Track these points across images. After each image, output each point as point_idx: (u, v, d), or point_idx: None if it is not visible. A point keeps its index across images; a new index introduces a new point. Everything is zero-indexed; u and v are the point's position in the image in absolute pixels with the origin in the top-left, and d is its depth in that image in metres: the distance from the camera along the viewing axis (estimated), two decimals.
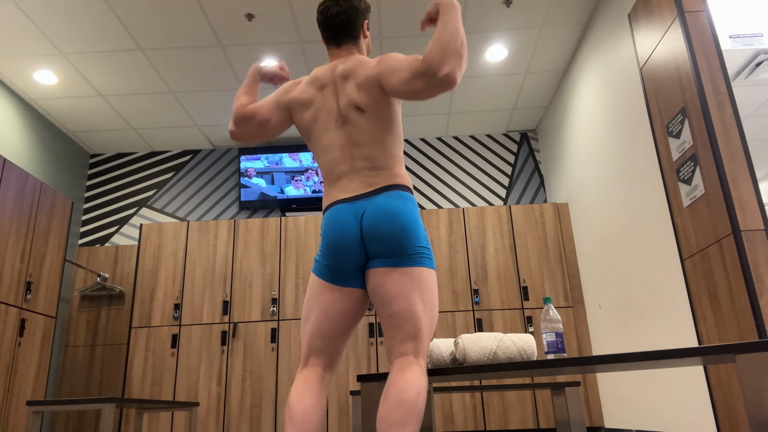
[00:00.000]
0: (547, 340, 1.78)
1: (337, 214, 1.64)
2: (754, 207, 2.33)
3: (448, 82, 1.52)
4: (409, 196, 1.67)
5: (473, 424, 4.05)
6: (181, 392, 4.16)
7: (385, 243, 1.57)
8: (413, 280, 1.57)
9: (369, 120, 1.68)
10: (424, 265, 1.60)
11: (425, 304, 1.58)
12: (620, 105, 3.46)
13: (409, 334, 1.55)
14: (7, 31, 3.77)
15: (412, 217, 1.61)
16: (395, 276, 1.57)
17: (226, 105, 4.76)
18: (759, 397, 1.15)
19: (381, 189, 1.64)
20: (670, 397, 2.99)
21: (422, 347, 1.57)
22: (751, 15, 2.71)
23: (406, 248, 1.58)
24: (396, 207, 1.60)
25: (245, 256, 4.48)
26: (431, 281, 1.61)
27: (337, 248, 1.61)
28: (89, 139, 5.19)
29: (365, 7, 1.84)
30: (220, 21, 3.76)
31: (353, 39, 1.83)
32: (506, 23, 3.91)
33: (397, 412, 1.44)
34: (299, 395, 1.56)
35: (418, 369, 1.52)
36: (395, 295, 1.56)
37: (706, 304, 2.54)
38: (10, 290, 3.60)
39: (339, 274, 1.63)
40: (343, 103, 1.72)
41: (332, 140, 1.72)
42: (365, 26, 1.86)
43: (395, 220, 1.58)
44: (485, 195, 5.22)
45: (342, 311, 1.64)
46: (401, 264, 1.57)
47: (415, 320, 1.56)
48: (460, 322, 4.27)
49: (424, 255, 1.61)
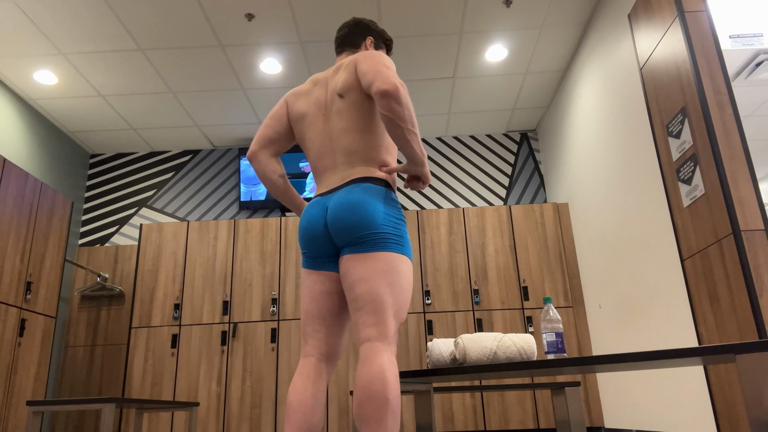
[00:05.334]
0: (547, 340, 1.78)
1: (309, 208, 1.74)
2: (754, 207, 2.33)
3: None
4: (374, 187, 1.68)
5: (473, 424, 4.05)
6: (181, 392, 4.16)
7: (345, 233, 1.62)
8: (376, 263, 1.58)
9: (348, 105, 1.74)
10: (390, 249, 1.61)
11: (391, 287, 1.58)
12: (620, 105, 3.46)
13: (372, 317, 1.55)
14: (7, 31, 3.77)
15: (370, 205, 1.63)
16: (358, 260, 1.60)
17: (226, 105, 4.76)
18: (759, 397, 1.15)
19: (349, 182, 1.69)
20: (670, 397, 2.99)
21: (387, 331, 1.55)
22: (751, 15, 2.70)
23: (367, 235, 1.60)
24: (354, 198, 1.64)
25: (245, 256, 4.48)
26: (400, 266, 1.61)
27: (307, 239, 1.72)
28: (89, 139, 5.19)
29: (373, 27, 1.99)
30: (220, 21, 3.76)
31: (352, 48, 1.97)
32: (506, 23, 3.91)
33: (370, 409, 1.42)
34: (294, 386, 1.61)
35: (383, 354, 1.49)
36: (357, 279, 1.59)
37: (706, 304, 2.54)
38: (10, 290, 3.60)
39: (315, 260, 1.72)
40: (329, 93, 1.82)
41: (316, 134, 1.81)
42: (368, 42, 1.98)
43: (352, 210, 1.62)
44: (485, 195, 5.22)
45: (322, 291, 1.70)
46: (364, 250, 1.60)
47: (377, 302, 1.55)
48: (460, 322, 4.27)
49: (389, 240, 1.62)
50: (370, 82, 1.62)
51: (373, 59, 1.69)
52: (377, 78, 1.60)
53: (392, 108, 1.56)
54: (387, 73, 1.61)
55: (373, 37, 1.99)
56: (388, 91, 1.56)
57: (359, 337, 1.57)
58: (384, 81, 1.57)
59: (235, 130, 5.17)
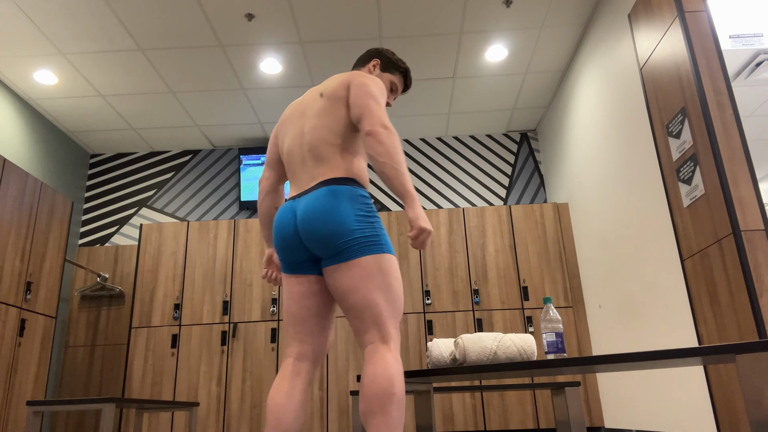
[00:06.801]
0: (547, 340, 1.78)
1: (281, 213, 1.73)
2: (754, 207, 2.33)
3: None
4: (341, 189, 1.67)
5: (473, 424, 4.05)
6: (181, 392, 4.16)
7: (320, 245, 1.63)
8: (361, 270, 1.59)
9: (326, 106, 1.77)
10: (369, 253, 1.61)
11: (380, 290, 1.59)
12: (620, 105, 3.46)
13: (370, 323, 1.58)
14: (7, 31, 3.77)
15: (340, 211, 1.62)
16: (342, 271, 1.61)
17: (226, 105, 4.76)
18: (759, 397, 1.15)
19: (318, 185, 1.69)
20: (670, 397, 2.99)
21: (388, 332, 1.58)
22: (751, 15, 2.71)
23: (343, 243, 1.60)
24: (321, 206, 1.63)
25: (245, 256, 4.48)
26: (384, 265, 1.62)
27: (282, 246, 1.72)
28: (89, 139, 5.19)
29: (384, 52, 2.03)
30: (220, 21, 3.76)
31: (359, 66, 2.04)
32: (506, 23, 3.91)
33: (375, 403, 1.45)
34: (272, 387, 1.64)
35: (387, 354, 1.53)
36: (347, 290, 1.60)
37: (706, 304, 2.54)
38: (10, 290, 3.60)
39: (292, 265, 1.72)
40: (314, 95, 1.84)
41: (290, 130, 1.84)
42: (372, 63, 2.01)
43: (322, 221, 1.62)
44: (485, 195, 5.22)
45: (301, 292, 1.70)
46: (344, 258, 1.60)
47: (373, 308, 1.58)
48: (460, 322, 4.27)
49: (365, 243, 1.61)
50: (358, 118, 1.69)
51: (364, 87, 1.72)
52: (364, 116, 1.67)
53: (373, 147, 1.62)
54: (376, 112, 1.66)
55: (380, 60, 2.01)
56: (372, 132, 1.63)
57: (362, 342, 1.60)
58: (371, 123, 1.65)
59: (235, 130, 5.17)
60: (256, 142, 5.41)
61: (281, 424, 1.57)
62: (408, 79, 2.06)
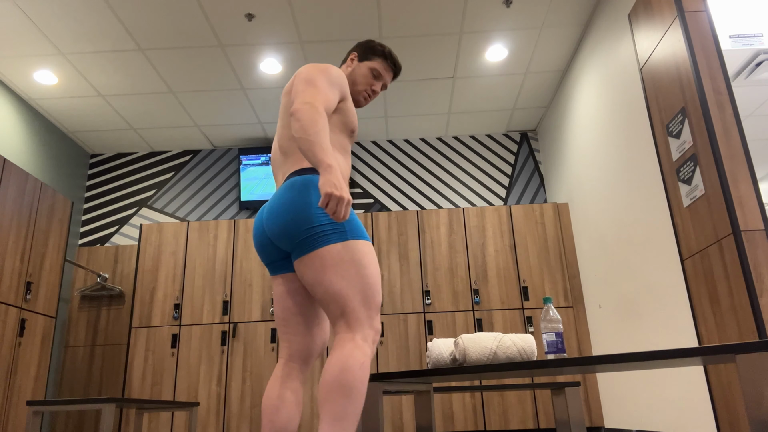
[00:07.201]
0: (547, 340, 1.78)
1: (258, 214, 1.76)
2: (754, 207, 2.33)
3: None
4: (300, 179, 1.65)
5: (473, 424, 4.05)
6: (181, 392, 4.16)
7: (281, 237, 1.63)
8: (323, 261, 1.57)
9: (285, 101, 1.83)
10: (331, 242, 1.57)
11: (345, 279, 1.56)
12: (620, 105, 3.46)
13: (338, 313, 1.57)
14: (7, 31, 3.77)
15: (298, 201, 1.61)
16: (306, 264, 1.59)
17: (226, 105, 4.76)
18: (759, 397, 1.15)
19: (284, 181, 1.71)
20: (670, 397, 2.99)
21: (355, 320, 1.54)
22: (751, 15, 2.71)
23: (303, 233, 1.59)
24: (280, 200, 1.65)
25: (245, 256, 4.48)
26: (349, 253, 1.58)
27: (257, 247, 1.75)
28: (89, 139, 5.19)
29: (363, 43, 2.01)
30: (220, 21, 3.76)
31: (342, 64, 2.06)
32: (506, 23, 3.91)
33: (324, 392, 1.44)
34: (266, 391, 1.66)
35: (348, 344, 1.50)
36: (312, 283, 1.59)
37: (706, 304, 2.54)
38: (10, 290, 3.60)
39: (271, 266, 1.74)
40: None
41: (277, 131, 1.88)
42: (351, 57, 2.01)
43: (280, 214, 1.62)
44: (485, 195, 5.22)
45: (282, 292, 1.72)
46: (307, 250, 1.59)
47: (338, 298, 1.56)
48: (460, 322, 4.27)
49: (327, 232, 1.58)
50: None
51: (299, 76, 1.70)
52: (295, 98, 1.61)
53: (293, 126, 1.54)
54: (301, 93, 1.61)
55: (357, 52, 1.99)
56: (293, 111, 1.56)
57: (333, 331, 1.62)
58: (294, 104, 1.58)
59: (235, 130, 5.17)
60: (256, 142, 5.41)
61: (275, 426, 1.57)
62: (392, 60, 1.99)
